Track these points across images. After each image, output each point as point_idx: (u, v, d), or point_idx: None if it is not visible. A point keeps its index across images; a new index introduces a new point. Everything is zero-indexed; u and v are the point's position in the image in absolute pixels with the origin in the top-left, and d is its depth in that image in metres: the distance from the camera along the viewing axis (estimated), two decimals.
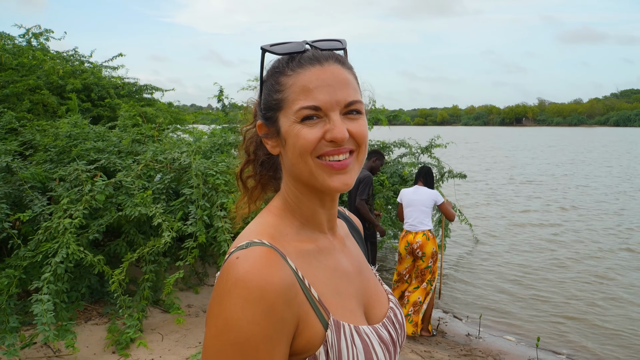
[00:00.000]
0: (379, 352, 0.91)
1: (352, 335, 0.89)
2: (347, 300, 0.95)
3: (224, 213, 4.40)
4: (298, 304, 0.84)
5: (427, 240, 5.68)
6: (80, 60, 9.95)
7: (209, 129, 8.28)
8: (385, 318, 1.02)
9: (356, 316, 0.94)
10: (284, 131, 0.92)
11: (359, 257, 1.09)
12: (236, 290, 0.79)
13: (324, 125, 0.89)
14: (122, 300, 4.16)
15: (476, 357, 5.26)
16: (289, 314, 0.82)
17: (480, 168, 26.14)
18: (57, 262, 3.81)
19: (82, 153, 5.12)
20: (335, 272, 0.97)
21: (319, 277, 0.92)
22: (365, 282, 1.04)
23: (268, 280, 0.80)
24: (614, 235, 10.99)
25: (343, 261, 1.01)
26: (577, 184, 19.65)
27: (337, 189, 0.91)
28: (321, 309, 0.87)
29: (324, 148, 0.89)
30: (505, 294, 7.39)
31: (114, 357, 4.00)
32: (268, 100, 0.95)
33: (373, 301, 1.03)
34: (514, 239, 10.70)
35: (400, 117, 10.69)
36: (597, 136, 78.76)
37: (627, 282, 7.80)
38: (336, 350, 0.86)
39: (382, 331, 0.97)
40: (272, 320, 0.79)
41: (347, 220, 1.20)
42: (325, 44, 0.95)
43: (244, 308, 0.78)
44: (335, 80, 0.90)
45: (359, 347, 0.88)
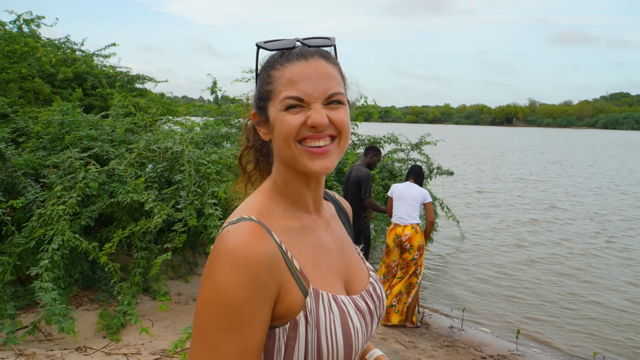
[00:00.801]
0: (355, 319, 1.01)
1: (330, 302, 0.99)
2: (326, 273, 1.05)
3: (215, 201, 4.48)
4: (280, 273, 0.94)
5: (415, 233, 5.81)
6: (72, 48, 9.94)
7: (201, 121, 8.34)
8: (364, 291, 1.12)
9: (335, 287, 1.04)
10: (272, 119, 1.02)
11: (343, 237, 1.20)
12: (225, 258, 0.90)
13: (306, 113, 0.99)
14: (119, 287, 4.25)
15: (458, 348, 5.40)
16: (271, 281, 0.92)
17: (468, 166, 26.37)
18: (53, 249, 3.88)
19: (75, 141, 5.18)
20: (317, 247, 1.07)
21: (301, 251, 1.02)
22: (347, 259, 1.15)
23: (252, 251, 0.91)
24: (594, 236, 11.19)
25: (325, 239, 1.11)
26: (565, 184, 19.91)
27: (317, 172, 1.01)
28: (302, 279, 0.98)
29: (305, 133, 0.99)
30: (488, 288, 7.54)
31: (105, 341, 4.08)
32: (260, 92, 1.05)
33: (353, 276, 1.13)
34: (499, 236, 10.87)
35: (392, 112, 10.82)
36: (585, 138, 79.51)
37: (605, 277, 7.99)
38: (314, 315, 0.96)
39: (360, 301, 1.07)
40: (255, 286, 0.90)
41: (336, 203, 1.30)
42: (315, 41, 1.05)
43: (230, 274, 0.89)
44: (319, 74, 1.00)
45: (335, 313, 0.99)
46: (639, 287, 7.71)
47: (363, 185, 6.22)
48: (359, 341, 1.02)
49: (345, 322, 0.99)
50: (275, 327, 0.96)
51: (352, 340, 0.99)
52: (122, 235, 4.36)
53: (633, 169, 27.72)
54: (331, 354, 0.96)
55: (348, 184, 6.43)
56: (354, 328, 1.00)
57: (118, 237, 4.33)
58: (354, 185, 6.33)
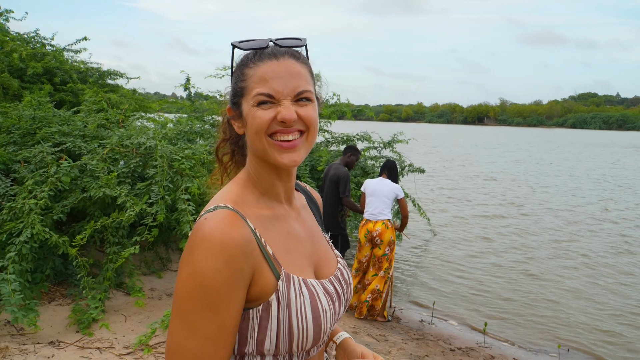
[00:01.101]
0: (324, 301, 1.10)
1: (300, 285, 1.07)
2: (297, 258, 1.13)
3: (188, 197, 4.51)
4: (254, 257, 1.02)
5: (385, 229, 5.93)
6: (42, 42, 9.79)
7: (174, 118, 8.32)
8: (332, 276, 1.20)
9: (305, 272, 1.12)
10: (245, 113, 1.09)
11: (313, 225, 1.28)
12: (203, 244, 0.97)
13: (276, 109, 1.06)
14: (85, 282, 4.25)
15: (428, 341, 5.53)
16: (246, 265, 1.00)
17: (439, 165, 26.74)
18: (21, 242, 3.87)
19: (47, 136, 5.14)
20: (288, 235, 1.15)
21: (273, 238, 1.10)
22: (316, 246, 1.22)
23: (229, 236, 0.98)
24: (559, 231, 11.51)
25: (296, 227, 1.19)
26: (533, 182, 20.37)
27: (286, 165, 1.08)
28: (275, 263, 1.05)
29: (275, 127, 1.06)
30: (458, 283, 7.71)
31: (77, 336, 4.09)
32: (234, 88, 1.12)
33: (322, 262, 1.21)
34: (468, 232, 11.10)
35: (365, 111, 10.92)
36: (552, 137, 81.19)
37: (572, 270, 8.26)
38: (286, 297, 1.04)
39: (328, 285, 1.15)
40: (231, 269, 0.97)
41: (306, 194, 1.37)
42: (286, 41, 1.13)
43: (208, 258, 0.96)
44: (289, 73, 1.08)
45: (305, 295, 1.06)
46: (600, 280, 7.98)
47: (341, 185, 6.27)
48: (327, 322, 1.09)
49: (314, 304, 1.07)
50: (249, 309, 1.03)
51: (321, 321, 1.07)
52: (94, 227, 4.36)
53: (591, 168, 28.48)
54: (301, 333, 1.04)
55: (325, 181, 6.48)
56: (323, 309, 1.08)
57: (90, 229, 4.32)
58: (332, 183, 6.38)
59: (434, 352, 5.22)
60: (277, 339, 1.03)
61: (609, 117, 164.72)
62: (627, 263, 9.06)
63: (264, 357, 1.05)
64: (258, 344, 1.03)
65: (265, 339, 1.03)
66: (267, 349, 1.03)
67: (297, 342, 1.04)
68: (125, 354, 3.84)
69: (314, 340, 1.07)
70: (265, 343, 1.03)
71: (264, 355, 1.05)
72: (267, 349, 1.03)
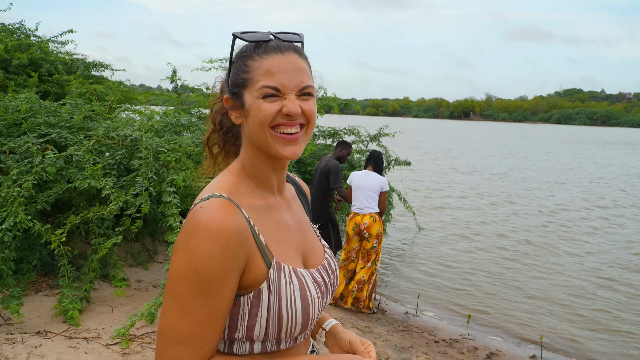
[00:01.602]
0: (312, 290, 1.14)
1: (291, 274, 1.11)
2: (287, 248, 1.17)
3: (174, 189, 4.53)
4: (248, 246, 1.05)
5: (373, 222, 5.99)
6: (27, 34, 9.70)
7: (161, 110, 8.29)
8: (320, 265, 1.24)
9: (294, 261, 1.16)
10: (247, 105, 1.11)
11: (301, 216, 1.31)
12: (199, 231, 1.00)
13: (281, 102, 1.09)
14: (65, 270, 4.25)
15: (412, 332, 5.61)
16: (240, 253, 1.03)
17: (426, 158, 26.89)
18: (4, 230, 3.86)
19: (33, 127, 5.12)
20: (280, 225, 1.18)
21: (266, 227, 1.13)
22: (305, 237, 1.26)
23: (225, 224, 1.01)
24: (544, 227, 11.68)
25: (287, 217, 1.22)
26: (519, 177, 20.59)
27: (287, 157, 1.12)
28: (267, 252, 1.09)
29: (279, 120, 1.09)
30: (442, 276, 7.82)
31: (64, 326, 4.10)
32: (235, 79, 1.13)
33: (310, 252, 1.25)
34: (452, 226, 11.22)
35: (352, 106, 10.96)
36: (538, 132, 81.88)
37: (554, 264, 8.40)
38: (276, 285, 1.07)
39: (316, 275, 1.19)
40: (226, 256, 1.00)
41: (296, 185, 1.41)
42: (288, 36, 1.16)
43: (204, 245, 0.99)
44: (293, 68, 1.11)
45: (295, 284, 1.10)
46: (583, 273, 8.13)
47: (332, 176, 6.33)
48: (316, 310, 1.14)
49: (303, 292, 1.11)
50: (241, 295, 1.06)
51: (310, 309, 1.11)
52: (75, 222, 4.36)
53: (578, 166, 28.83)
54: (290, 320, 1.08)
55: (316, 174, 6.55)
56: (312, 298, 1.12)
57: (70, 223, 4.32)
58: (322, 175, 6.46)
59: (418, 343, 5.30)
60: (266, 325, 1.06)
61: (594, 113, 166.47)
62: (613, 258, 9.22)
63: (253, 343, 1.09)
64: (248, 330, 1.07)
65: (255, 325, 1.06)
66: (256, 334, 1.07)
67: (285, 329, 1.08)
68: (112, 344, 3.87)
69: (302, 327, 1.11)
70: (255, 329, 1.07)
71: (253, 341, 1.08)
72: (256, 334, 1.07)
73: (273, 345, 1.10)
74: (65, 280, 4.25)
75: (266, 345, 1.10)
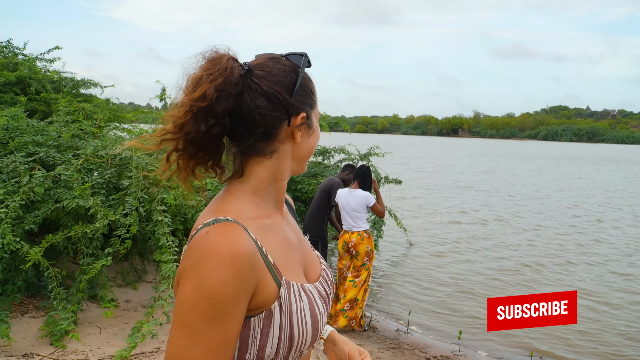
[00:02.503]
0: (320, 305, 1.14)
1: (300, 292, 1.10)
2: (293, 264, 1.16)
3: (164, 208, 4.50)
4: (259, 269, 1.03)
5: (361, 240, 5.96)
6: (14, 52, 9.68)
7: (150, 128, 8.26)
8: (320, 277, 1.25)
9: (300, 277, 1.16)
10: (315, 126, 1.19)
11: (298, 230, 1.32)
12: (210, 257, 0.97)
13: None
14: (56, 292, 4.19)
15: (404, 350, 5.58)
16: (251, 277, 1.01)
17: (416, 175, 27.00)
18: None
19: (20, 146, 5.08)
20: (285, 241, 1.18)
21: (273, 245, 1.12)
22: (304, 250, 1.26)
23: (237, 249, 0.99)
24: (529, 239, 11.73)
25: (289, 233, 1.22)
26: (507, 192, 20.72)
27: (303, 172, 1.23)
28: (276, 272, 1.08)
29: None
30: (433, 293, 7.80)
31: (51, 348, 4.03)
32: (308, 98, 1.17)
33: (310, 265, 1.25)
34: (443, 242, 11.24)
35: (341, 124, 10.99)
36: (523, 149, 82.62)
37: (546, 276, 8.42)
38: (287, 304, 1.07)
39: (320, 288, 1.19)
40: (238, 282, 0.98)
41: (285, 200, 1.42)
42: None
43: (216, 272, 0.96)
44: None
45: (304, 301, 1.10)
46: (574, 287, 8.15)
47: (333, 192, 6.40)
48: (323, 323, 1.15)
49: (312, 308, 1.11)
50: (251, 317, 1.04)
51: (319, 323, 1.12)
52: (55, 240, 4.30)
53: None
54: (301, 337, 1.08)
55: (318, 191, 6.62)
56: (320, 312, 1.13)
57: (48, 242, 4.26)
58: (324, 192, 6.53)
59: None
60: (278, 344, 1.06)
61: (580, 129, 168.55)
62: (603, 270, 9.27)
63: None
64: (259, 350, 1.05)
65: (267, 345, 1.05)
66: (267, 354, 1.06)
67: (296, 346, 1.08)
68: None
69: (311, 342, 1.11)
70: (267, 349, 1.05)
71: None
72: (267, 354, 1.06)
73: None
74: (59, 302, 4.18)
75: None
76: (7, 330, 3.71)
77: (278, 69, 1.13)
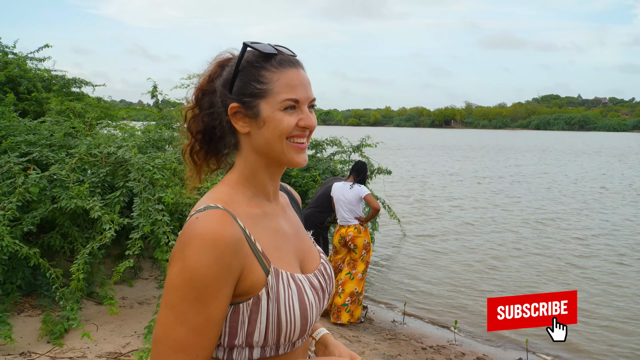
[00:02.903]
0: (310, 295, 1.17)
1: (289, 280, 1.14)
2: (285, 254, 1.20)
3: (162, 207, 4.51)
4: (244, 255, 1.08)
5: (358, 233, 6.01)
6: (4, 51, 9.62)
7: (142, 125, 8.25)
8: (316, 270, 1.28)
9: (292, 267, 1.20)
10: (265, 115, 1.15)
11: (297, 222, 1.36)
12: (194, 241, 1.03)
13: (298, 114, 1.16)
14: (61, 292, 4.21)
15: (400, 340, 5.64)
16: (235, 262, 1.06)
17: (408, 166, 27.08)
18: None
19: (13, 146, 5.07)
20: (277, 232, 1.22)
21: (263, 235, 1.16)
22: (301, 243, 1.30)
23: (220, 234, 1.04)
24: (526, 227, 11.82)
25: (283, 224, 1.26)
26: (498, 180, 20.83)
27: (300, 164, 1.19)
28: (264, 260, 1.12)
29: (295, 131, 1.17)
30: (428, 282, 7.87)
31: (49, 346, 4.05)
32: (247, 88, 1.17)
33: (307, 257, 1.29)
34: (436, 232, 11.31)
35: (334, 115, 11.00)
36: (517, 139, 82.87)
37: (543, 264, 8.51)
38: (275, 291, 1.11)
39: (313, 279, 1.23)
40: (220, 265, 1.03)
41: (289, 193, 1.46)
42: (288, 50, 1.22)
43: (199, 255, 1.02)
44: (306, 82, 1.19)
45: (293, 289, 1.14)
46: (568, 274, 8.24)
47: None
48: (313, 314, 1.18)
49: (301, 297, 1.14)
50: (240, 303, 1.09)
51: (308, 313, 1.15)
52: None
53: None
54: (289, 325, 1.11)
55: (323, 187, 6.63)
56: (309, 303, 1.16)
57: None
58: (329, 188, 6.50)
59: (406, 351, 5.33)
60: (266, 331, 1.09)
61: (571, 118, 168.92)
62: (599, 255, 9.36)
63: (253, 349, 1.11)
64: (247, 336, 1.09)
65: (255, 331, 1.09)
66: (256, 340, 1.09)
67: (284, 334, 1.11)
68: None
69: (300, 332, 1.15)
70: (255, 335, 1.09)
71: (252, 347, 1.11)
72: (256, 340, 1.09)
73: (272, 350, 1.13)
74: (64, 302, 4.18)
75: (265, 350, 1.12)
76: (10, 332, 3.72)
77: (231, 64, 1.20)
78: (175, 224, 4.95)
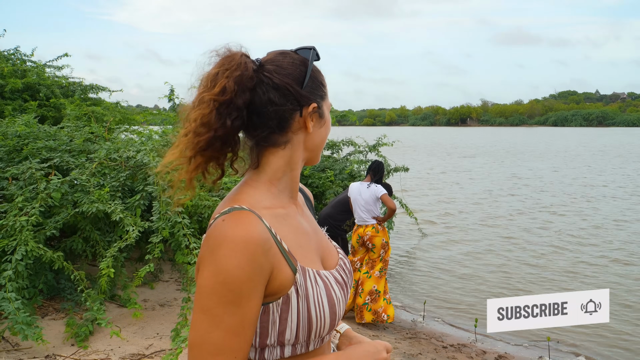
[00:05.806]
0: (336, 290, 1.18)
1: (315, 277, 1.15)
2: (308, 252, 1.21)
3: (181, 209, 4.54)
4: (273, 254, 1.08)
5: (376, 233, 6.01)
6: (22, 59, 9.79)
7: (160, 129, 8.34)
8: (337, 265, 1.29)
9: (316, 264, 1.21)
10: (326, 116, 1.23)
11: (313, 221, 1.37)
12: (225, 243, 1.03)
13: None
14: (86, 295, 4.26)
15: (420, 339, 5.62)
16: (266, 262, 1.06)
17: (425, 165, 26.97)
18: (17, 260, 3.89)
19: (34, 152, 5.16)
20: (299, 230, 1.22)
21: (287, 234, 1.16)
22: (320, 240, 1.31)
23: (250, 235, 1.04)
24: (550, 232, 11.70)
25: (303, 223, 1.27)
26: (516, 179, 20.64)
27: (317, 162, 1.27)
28: (291, 258, 1.12)
29: None
30: (447, 282, 7.83)
31: (73, 349, 4.11)
32: (318, 89, 1.22)
33: (326, 254, 1.30)
34: (456, 231, 11.24)
35: (349, 117, 11.00)
36: (534, 136, 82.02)
37: (566, 267, 8.41)
38: (304, 289, 1.11)
39: (336, 274, 1.24)
40: (253, 266, 1.04)
41: (303, 193, 1.47)
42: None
43: (231, 257, 1.02)
44: None
45: (321, 286, 1.15)
46: (587, 277, 8.14)
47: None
48: (341, 308, 1.18)
49: (329, 293, 1.15)
50: (270, 303, 1.09)
51: (336, 308, 1.16)
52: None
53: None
54: (320, 321, 1.12)
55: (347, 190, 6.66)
56: (337, 297, 1.17)
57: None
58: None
59: (426, 349, 5.31)
60: (297, 329, 1.10)
61: (589, 114, 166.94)
62: (618, 254, 9.24)
63: (284, 347, 1.12)
64: (279, 335, 1.10)
65: (286, 329, 1.10)
66: (287, 339, 1.10)
67: (315, 330, 1.12)
68: None
69: (330, 326, 1.15)
70: (286, 333, 1.10)
71: (284, 345, 1.11)
72: (287, 339, 1.10)
73: (303, 347, 1.14)
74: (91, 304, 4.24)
75: (296, 348, 1.13)
76: (41, 334, 3.77)
77: (288, 62, 1.18)
78: (194, 227, 4.99)
